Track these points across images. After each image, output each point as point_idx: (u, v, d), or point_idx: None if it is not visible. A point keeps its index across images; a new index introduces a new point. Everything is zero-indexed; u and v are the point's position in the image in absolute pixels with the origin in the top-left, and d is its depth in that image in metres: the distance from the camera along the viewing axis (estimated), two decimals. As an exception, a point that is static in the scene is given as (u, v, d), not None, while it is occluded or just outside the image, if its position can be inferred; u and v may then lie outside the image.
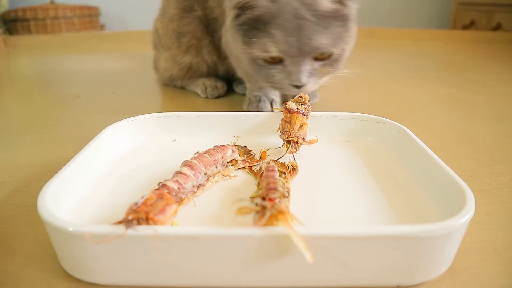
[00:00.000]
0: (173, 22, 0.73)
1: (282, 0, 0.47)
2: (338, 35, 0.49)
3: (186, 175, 0.33)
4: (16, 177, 0.43)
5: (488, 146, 0.53)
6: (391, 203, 0.33)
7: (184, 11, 0.71)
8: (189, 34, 0.72)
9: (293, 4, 0.47)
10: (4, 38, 1.55)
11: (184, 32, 0.72)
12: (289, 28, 0.47)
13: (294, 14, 0.46)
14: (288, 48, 0.48)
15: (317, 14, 0.47)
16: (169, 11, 0.74)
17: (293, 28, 0.47)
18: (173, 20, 0.73)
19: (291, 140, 0.42)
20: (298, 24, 0.46)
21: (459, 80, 0.95)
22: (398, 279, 0.26)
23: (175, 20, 0.72)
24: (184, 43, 0.73)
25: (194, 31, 0.71)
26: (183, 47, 0.73)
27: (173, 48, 0.75)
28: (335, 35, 0.48)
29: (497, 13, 1.75)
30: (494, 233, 0.33)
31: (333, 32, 0.48)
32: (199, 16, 0.70)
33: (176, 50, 0.75)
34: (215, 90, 0.75)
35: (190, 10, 0.70)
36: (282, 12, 0.47)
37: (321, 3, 0.47)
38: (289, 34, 0.47)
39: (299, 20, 0.46)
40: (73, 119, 0.65)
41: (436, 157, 0.35)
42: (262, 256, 0.25)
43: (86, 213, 0.32)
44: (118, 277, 0.26)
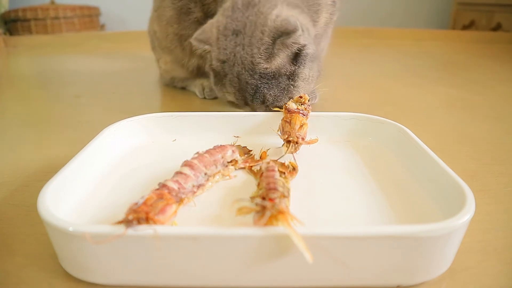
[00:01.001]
0: (172, 25, 0.71)
1: (230, 62, 0.52)
2: (282, 89, 0.51)
3: (186, 175, 0.33)
4: (16, 177, 0.43)
5: (488, 146, 0.53)
6: (391, 203, 0.33)
7: (181, 13, 0.69)
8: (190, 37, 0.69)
9: (235, 68, 0.51)
10: (4, 38, 1.56)
11: (185, 35, 0.70)
12: (236, 86, 0.52)
13: (237, 76, 0.52)
14: (238, 101, 0.54)
15: (258, 76, 0.51)
16: (165, 13, 0.72)
17: (238, 87, 0.52)
18: (171, 23, 0.71)
19: (291, 140, 0.42)
20: (241, 85, 0.52)
21: (459, 80, 0.95)
22: (398, 279, 0.26)
23: (174, 23, 0.70)
24: (188, 46, 0.71)
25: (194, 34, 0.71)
26: (187, 50, 0.72)
27: (176, 51, 0.74)
28: (278, 90, 0.51)
29: (497, 13, 1.75)
30: (494, 233, 0.33)
31: (277, 87, 0.51)
32: (198, 18, 0.68)
33: (181, 53, 0.74)
34: (212, 91, 0.74)
35: (187, 12, 0.68)
36: (230, 73, 0.52)
37: (261, 66, 0.50)
38: (237, 91, 0.53)
39: (241, 81, 0.52)
40: (73, 119, 0.65)
41: (436, 157, 0.35)
42: (262, 256, 0.25)
43: (86, 213, 0.32)
44: (118, 277, 0.26)
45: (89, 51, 1.45)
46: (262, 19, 0.50)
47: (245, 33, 0.50)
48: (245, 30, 0.51)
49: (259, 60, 0.50)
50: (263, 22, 0.50)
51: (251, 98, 0.51)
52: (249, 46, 0.50)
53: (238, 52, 0.51)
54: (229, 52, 0.51)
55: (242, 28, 0.51)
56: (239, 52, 0.51)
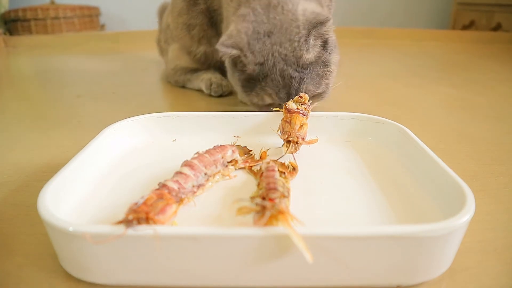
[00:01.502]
0: (181, 16, 0.76)
1: (269, 63, 0.52)
2: (321, 76, 0.54)
3: (186, 175, 0.33)
4: (16, 177, 0.43)
5: (488, 146, 0.53)
6: (391, 203, 0.33)
7: (189, 4, 0.74)
8: (198, 26, 0.75)
9: (278, 65, 0.52)
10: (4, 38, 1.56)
11: (193, 24, 0.75)
12: (279, 85, 0.52)
13: (280, 74, 0.52)
14: (282, 99, 0.53)
15: (301, 68, 0.52)
16: (177, 5, 0.78)
17: (282, 85, 0.52)
18: (182, 14, 0.76)
19: (291, 140, 0.42)
20: (285, 82, 0.52)
21: (459, 80, 0.95)
22: (398, 279, 0.26)
23: (184, 14, 0.76)
24: (196, 35, 0.76)
25: (201, 23, 0.75)
26: (196, 37, 0.77)
27: (185, 39, 0.78)
28: (318, 78, 0.54)
29: (497, 13, 1.75)
30: (494, 233, 0.33)
31: (317, 75, 0.53)
32: (203, 10, 0.73)
33: (189, 41, 0.78)
34: (219, 88, 0.76)
35: (194, 4, 0.74)
36: (271, 73, 0.52)
37: (304, 58, 0.52)
38: (280, 89, 0.53)
39: (285, 78, 0.52)
40: (73, 119, 0.65)
41: (436, 157, 0.35)
42: (262, 256, 0.25)
43: (86, 213, 0.32)
44: (118, 277, 0.26)
45: (89, 51, 1.45)
46: (291, 16, 0.52)
47: (278, 32, 0.52)
48: (277, 30, 0.52)
49: (300, 53, 0.51)
50: (294, 18, 0.52)
51: (295, 92, 0.52)
52: (287, 42, 0.51)
53: (276, 51, 0.51)
54: (266, 53, 0.52)
55: (273, 28, 0.52)
56: (278, 51, 0.51)
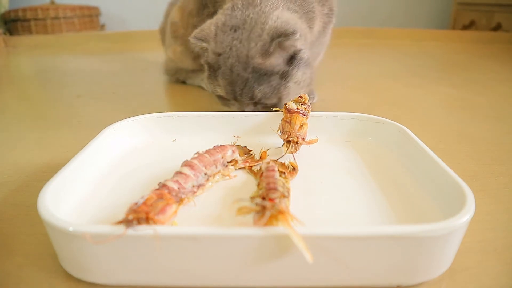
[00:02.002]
0: (192, 17, 0.75)
1: (223, 56, 0.52)
2: (274, 87, 0.52)
3: (186, 175, 0.33)
4: (16, 177, 0.43)
5: (488, 146, 0.53)
6: (391, 203, 0.33)
7: (200, 7, 0.73)
8: None
9: (230, 60, 0.51)
10: (4, 38, 1.56)
11: None
12: (228, 79, 0.52)
13: (230, 68, 0.52)
14: (228, 95, 0.54)
15: (251, 70, 0.51)
16: (188, 5, 0.76)
17: (230, 80, 0.52)
18: (192, 15, 0.75)
19: (291, 140, 0.42)
20: (233, 77, 0.52)
21: (459, 80, 0.95)
22: (398, 279, 0.26)
23: (194, 15, 0.75)
24: None
25: None
26: None
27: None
28: (270, 88, 0.52)
29: (497, 13, 1.75)
30: (494, 233, 0.33)
31: (269, 85, 0.52)
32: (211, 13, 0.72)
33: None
34: None
35: (204, 7, 0.73)
36: (224, 65, 0.52)
37: (256, 61, 0.51)
38: (228, 83, 0.53)
39: (233, 73, 0.52)
40: (73, 119, 0.65)
41: (436, 157, 0.35)
42: (262, 256, 0.25)
43: (86, 213, 0.32)
44: (118, 277, 0.26)
45: (89, 51, 1.45)
46: (263, 17, 0.51)
47: (244, 29, 0.51)
48: (244, 26, 0.52)
49: (254, 54, 0.50)
50: (263, 21, 0.51)
51: (240, 92, 0.52)
52: (247, 40, 0.51)
53: (235, 46, 0.51)
54: (225, 46, 0.52)
55: (242, 24, 0.52)
56: (236, 46, 0.51)
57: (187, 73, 0.84)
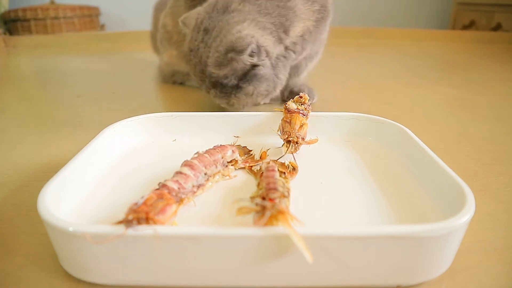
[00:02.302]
0: None
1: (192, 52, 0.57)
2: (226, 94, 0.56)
3: (186, 175, 0.33)
4: (16, 177, 0.43)
5: (488, 146, 0.53)
6: (391, 203, 0.33)
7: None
8: None
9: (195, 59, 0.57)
10: (4, 38, 1.56)
11: None
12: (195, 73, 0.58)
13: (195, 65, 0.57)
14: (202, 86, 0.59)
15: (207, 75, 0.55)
16: (179, 11, 0.76)
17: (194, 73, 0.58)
18: None
19: (291, 140, 0.42)
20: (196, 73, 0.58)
21: (459, 80, 0.95)
22: (398, 279, 0.26)
23: None
24: None
25: None
26: None
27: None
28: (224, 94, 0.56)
29: (497, 13, 1.75)
30: (494, 233, 0.33)
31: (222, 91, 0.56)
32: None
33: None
34: None
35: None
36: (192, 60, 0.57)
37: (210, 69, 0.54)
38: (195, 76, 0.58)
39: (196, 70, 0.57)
40: (73, 119, 0.65)
41: (436, 157, 0.35)
42: (262, 256, 0.25)
43: (86, 213, 0.32)
44: (118, 277, 0.26)
45: (89, 51, 1.45)
46: (226, 29, 0.53)
47: (211, 35, 0.55)
48: (212, 32, 0.55)
49: (210, 63, 0.54)
50: (225, 33, 0.53)
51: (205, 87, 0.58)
52: (209, 47, 0.54)
53: (201, 48, 0.55)
54: (195, 44, 0.56)
55: (211, 29, 0.55)
56: (201, 48, 0.55)
57: (184, 75, 0.85)
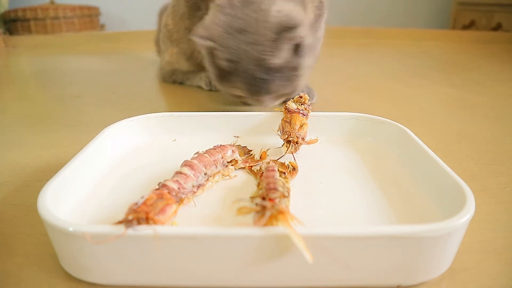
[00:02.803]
0: (184, 20, 0.76)
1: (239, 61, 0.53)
2: (288, 79, 0.54)
3: (186, 175, 0.33)
4: (16, 177, 0.43)
5: (488, 146, 0.53)
6: (391, 203, 0.33)
7: (192, 9, 0.74)
8: None
9: (248, 65, 0.52)
10: (4, 38, 1.55)
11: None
12: (246, 81, 0.54)
13: (252, 74, 0.53)
14: (248, 94, 0.55)
15: (267, 71, 0.53)
16: (179, 9, 0.77)
17: (249, 82, 0.54)
18: (184, 19, 0.76)
19: (291, 140, 0.42)
20: (251, 80, 0.53)
21: (459, 80, 0.95)
22: (398, 279, 0.26)
23: (186, 18, 0.76)
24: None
25: None
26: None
27: (187, 44, 0.78)
28: (285, 81, 0.54)
29: (497, 13, 1.75)
30: (494, 233, 0.33)
31: (284, 78, 0.54)
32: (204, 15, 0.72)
33: (192, 46, 0.78)
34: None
35: (197, 9, 0.73)
36: (241, 71, 0.53)
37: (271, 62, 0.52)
38: (247, 85, 0.54)
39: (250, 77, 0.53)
40: (73, 119, 0.65)
41: (436, 157, 0.35)
42: (262, 256, 0.25)
43: (86, 213, 0.32)
44: (118, 277, 0.26)
45: (89, 51, 1.45)
46: (262, 15, 0.51)
47: (250, 32, 0.52)
48: (249, 28, 0.52)
49: (267, 57, 0.51)
50: (264, 19, 0.51)
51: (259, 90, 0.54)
52: (256, 43, 0.51)
53: (247, 52, 0.52)
54: (237, 52, 0.52)
55: (245, 26, 0.52)
56: (247, 51, 0.52)
57: (184, 75, 0.85)
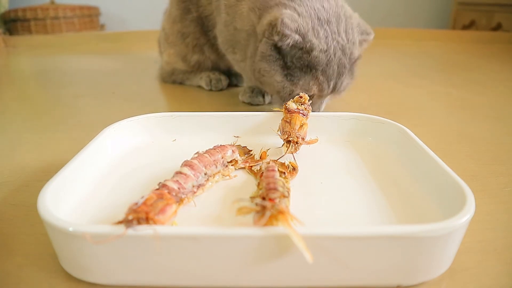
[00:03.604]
0: (176, 23, 0.78)
1: (331, 51, 0.52)
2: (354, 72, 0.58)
3: (186, 175, 0.33)
4: (16, 177, 0.43)
5: (488, 146, 0.53)
6: (391, 203, 0.33)
7: (183, 12, 0.75)
8: (191, 34, 0.77)
9: (338, 54, 0.52)
10: (4, 38, 1.55)
11: (187, 33, 0.77)
12: (332, 74, 0.53)
13: (337, 63, 0.53)
14: (326, 90, 0.54)
15: (350, 61, 0.55)
16: (172, 13, 0.79)
17: (334, 75, 0.53)
18: (176, 22, 0.78)
19: (291, 140, 0.42)
20: (339, 71, 0.53)
21: (459, 80, 0.95)
22: (398, 279, 0.26)
23: (178, 21, 0.77)
24: (190, 43, 0.78)
25: (194, 31, 0.76)
26: (190, 46, 0.79)
27: (181, 46, 0.80)
28: (353, 74, 0.57)
29: (497, 13, 1.75)
30: (494, 233, 0.33)
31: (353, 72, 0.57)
32: (195, 18, 0.75)
33: (185, 49, 0.80)
34: (219, 83, 0.81)
35: (187, 12, 0.75)
36: (330, 61, 0.52)
37: (355, 53, 0.55)
38: (331, 79, 0.53)
39: (340, 68, 0.53)
40: (73, 119, 0.65)
41: (436, 157, 0.35)
42: (262, 256, 0.25)
43: (86, 213, 0.32)
44: (118, 277, 0.26)
45: (89, 51, 1.45)
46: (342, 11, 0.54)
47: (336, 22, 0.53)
48: (335, 20, 0.53)
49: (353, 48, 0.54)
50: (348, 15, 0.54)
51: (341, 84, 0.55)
52: (344, 33, 0.53)
53: (336, 40, 0.52)
54: (329, 41, 0.51)
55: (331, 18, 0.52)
56: (337, 40, 0.52)
57: (184, 75, 0.86)
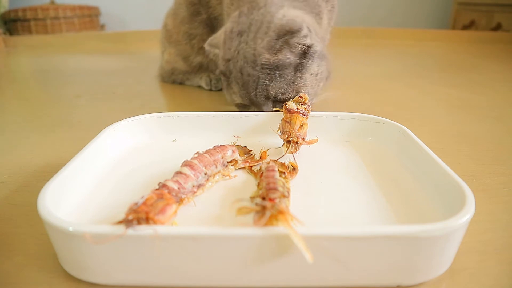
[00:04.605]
0: (184, 24, 0.79)
1: (232, 61, 0.53)
2: (289, 80, 0.51)
3: (186, 175, 0.33)
4: (16, 177, 0.43)
5: (488, 146, 0.53)
6: (391, 203, 0.33)
7: (193, 14, 0.76)
8: (198, 36, 0.78)
9: (238, 63, 0.52)
10: (4, 38, 1.56)
11: (194, 34, 0.78)
12: (240, 82, 0.52)
13: (240, 71, 0.52)
14: (244, 99, 0.53)
15: (259, 68, 0.50)
16: (180, 13, 0.79)
17: (242, 82, 0.52)
18: (184, 23, 0.79)
19: (291, 140, 0.42)
20: (244, 79, 0.52)
21: (459, 80, 0.95)
22: (398, 279, 0.26)
23: (186, 22, 0.78)
24: (196, 45, 0.79)
25: (201, 33, 0.77)
26: (196, 48, 0.79)
27: (185, 47, 0.81)
28: (284, 83, 0.50)
29: (497, 13, 1.75)
30: (494, 233, 0.33)
31: (282, 80, 0.50)
32: (205, 20, 0.75)
33: (189, 49, 0.81)
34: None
35: (197, 14, 0.76)
36: (234, 70, 0.52)
37: (262, 57, 0.50)
38: (241, 86, 0.52)
39: (244, 75, 0.51)
40: (73, 119, 0.65)
41: (436, 157, 0.35)
42: (262, 256, 0.25)
43: (86, 213, 0.32)
44: (118, 277, 0.26)
45: (89, 51, 1.45)
46: (268, 17, 0.52)
47: (250, 31, 0.52)
48: (250, 29, 0.52)
49: (261, 51, 0.50)
50: (269, 20, 0.51)
51: (254, 92, 0.51)
52: (253, 40, 0.51)
53: (242, 49, 0.52)
54: (233, 51, 0.53)
55: (247, 28, 0.52)
56: (243, 49, 0.52)
57: (184, 75, 0.87)
